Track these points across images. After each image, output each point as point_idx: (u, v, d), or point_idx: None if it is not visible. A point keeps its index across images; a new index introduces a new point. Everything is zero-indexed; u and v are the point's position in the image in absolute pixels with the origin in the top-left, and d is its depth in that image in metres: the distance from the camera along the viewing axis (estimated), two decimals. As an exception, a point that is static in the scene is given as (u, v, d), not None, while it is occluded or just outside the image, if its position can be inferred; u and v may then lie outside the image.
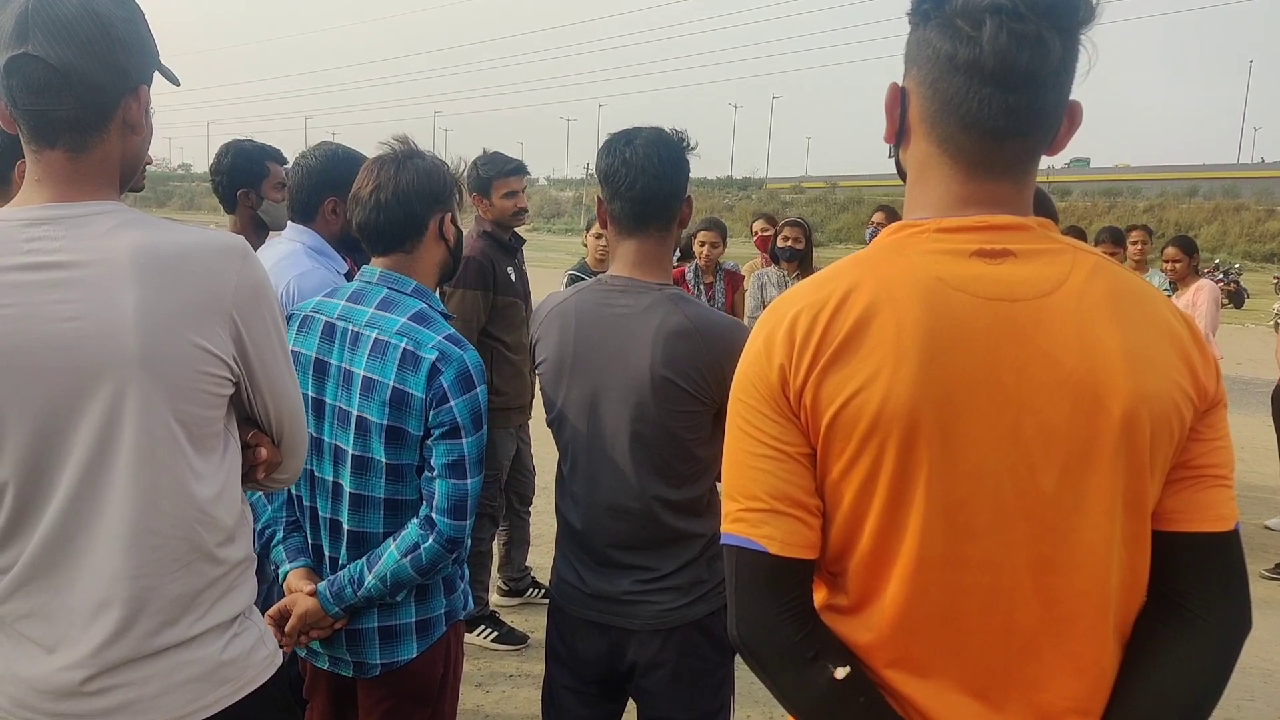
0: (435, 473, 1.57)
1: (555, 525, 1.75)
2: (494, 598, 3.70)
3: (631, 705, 1.72)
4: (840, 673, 0.89)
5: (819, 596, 0.98)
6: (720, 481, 1.63)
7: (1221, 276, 20.23)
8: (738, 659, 1.53)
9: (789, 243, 4.71)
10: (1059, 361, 0.86)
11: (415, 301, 1.63)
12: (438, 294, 1.75)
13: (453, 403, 1.55)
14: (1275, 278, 22.97)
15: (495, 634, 3.42)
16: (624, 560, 1.61)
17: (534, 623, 3.56)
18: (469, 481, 1.58)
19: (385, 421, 1.56)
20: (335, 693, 1.76)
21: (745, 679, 1.72)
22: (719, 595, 1.63)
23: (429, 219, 1.66)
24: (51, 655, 1.07)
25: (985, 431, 0.86)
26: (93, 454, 1.05)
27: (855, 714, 0.89)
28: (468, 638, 3.39)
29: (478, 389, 1.58)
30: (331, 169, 2.20)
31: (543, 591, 3.79)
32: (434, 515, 1.57)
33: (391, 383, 1.55)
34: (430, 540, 1.56)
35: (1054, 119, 0.90)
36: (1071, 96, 0.90)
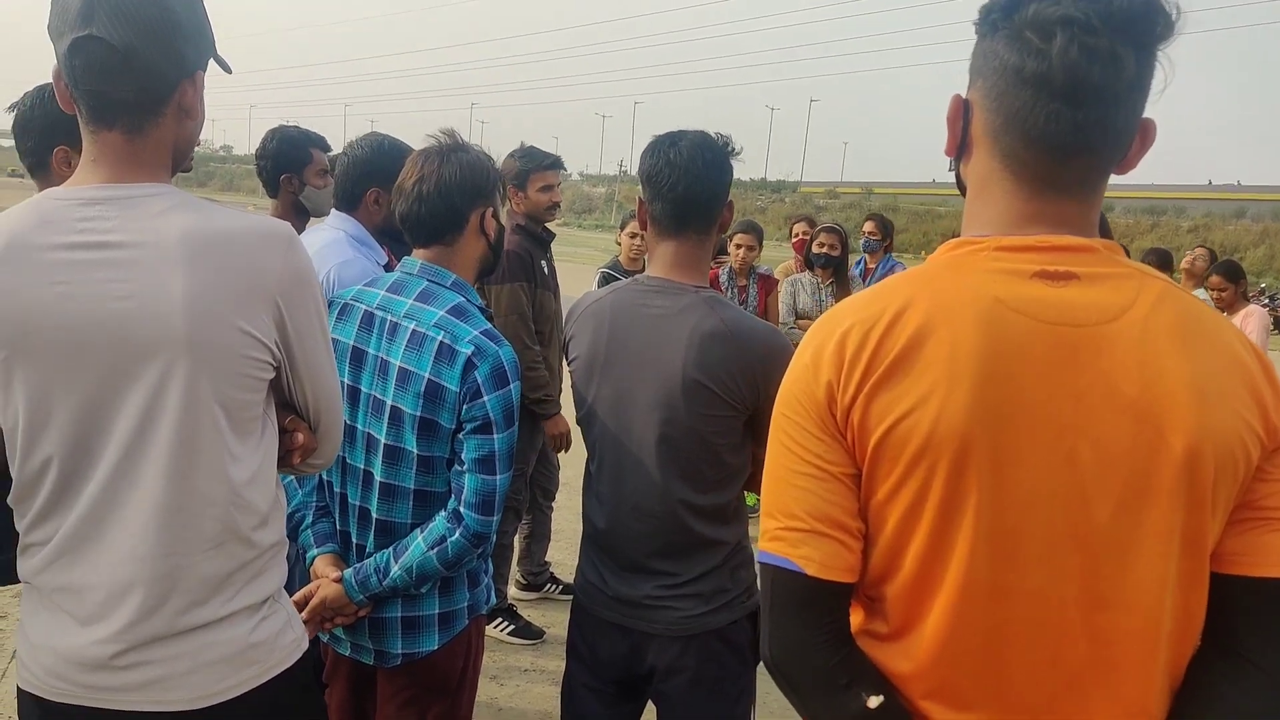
0: (465, 467, 1.57)
1: (577, 522, 1.74)
2: (512, 591, 3.70)
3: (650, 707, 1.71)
4: (873, 702, 0.87)
5: (856, 621, 0.96)
6: (746, 489, 1.63)
7: (1268, 301, 19.71)
8: (759, 670, 1.51)
9: (824, 249, 4.65)
10: (1120, 390, 0.82)
11: (454, 295, 1.64)
12: (477, 289, 1.75)
13: (486, 398, 1.55)
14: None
15: (512, 627, 3.42)
16: (647, 564, 1.60)
17: (551, 618, 3.56)
18: (498, 477, 1.58)
19: (419, 413, 1.57)
20: (355, 679, 1.77)
21: (763, 688, 1.70)
22: (741, 604, 1.62)
23: (470, 213, 1.66)
24: (85, 628, 1.08)
25: (1039, 459, 0.83)
26: (134, 433, 1.06)
27: None
28: (484, 630, 3.41)
29: (511, 385, 1.58)
30: (376, 160, 2.21)
31: (561, 587, 3.79)
32: (462, 509, 1.57)
33: (427, 375, 1.56)
34: (457, 534, 1.56)
35: (1125, 137, 0.86)
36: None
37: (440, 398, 1.55)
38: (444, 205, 1.63)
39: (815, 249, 4.68)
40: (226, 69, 1.21)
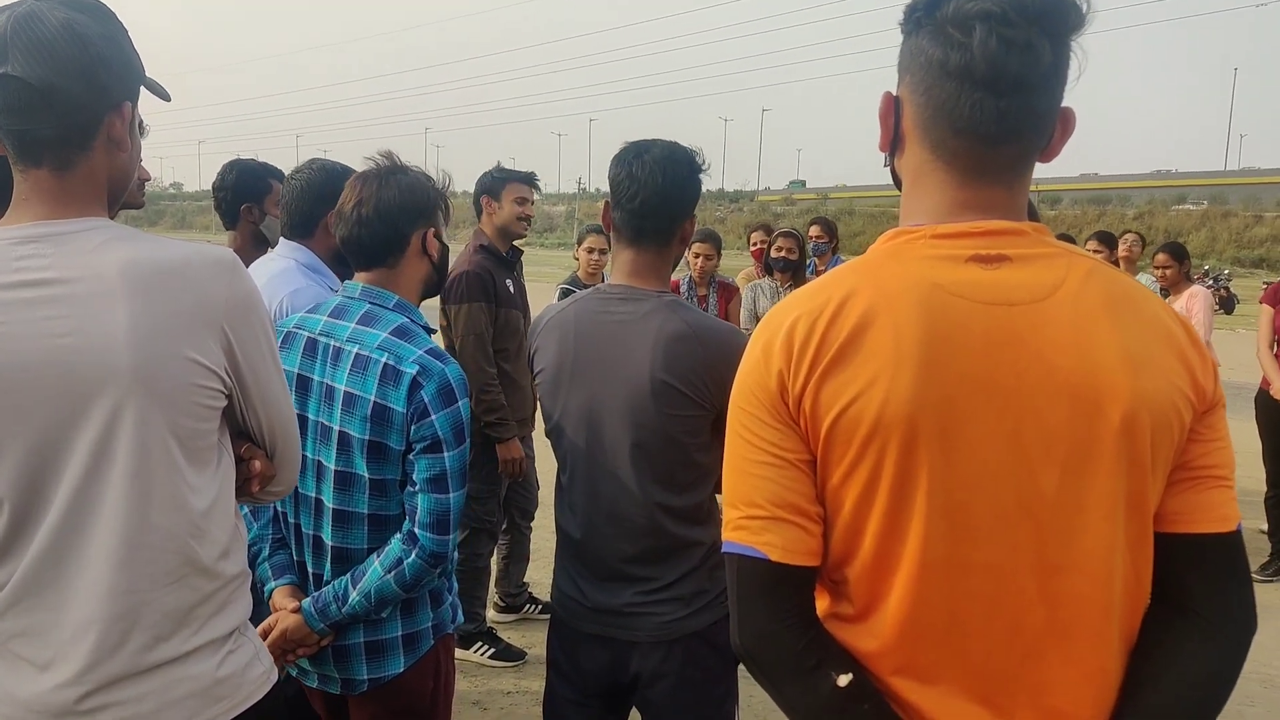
0: (417, 487, 1.56)
1: (554, 540, 1.73)
2: (490, 614, 3.67)
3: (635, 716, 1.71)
4: (843, 680, 0.89)
5: (822, 605, 0.98)
6: (720, 491, 1.64)
7: (1212, 282, 20.33)
8: (741, 669, 1.52)
9: (783, 253, 4.72)
10: (1057, 365, 0.86)
11: (397, 316, 1.63)
12: (421, 308, 1.75)
13: (434, 417, 1.54)
14: (1264, 284, 23.07)
15: (492, 650, 3.39)
16: (625, 571, 1.60)
17: (531, 639, 3.54)
18: (451, 495, 1.57)
19: (367, 437, 1.55)
20: (328, 710, 1.74)
21: (745, 690, 1.71)
22: (721, 605, 1.62)
23: (411, 234, 1.65)
24: (44, 674, 1.05)
25: (985, 435, 0.86)
26: (87, 470, 1.04)
27: None
28: (464, 655, 3.36)
29: (459, 403, 1.57)
30: (330, 184, 2.20)
31: (540, 607, 3.76)
32: (416, 530, 1.55)
33: (373, 398, 1.55)
34: (413, 555, 1.55)
35: (1046, 124, 0.90)
36: (1064, 104, 0.91)
37: (387, 420, 1.54)
38: (384, 228, 1.62)
39: (774, 254, 4.75)
40: (163, 96, 1.19)
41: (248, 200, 2.53)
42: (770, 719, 2.92)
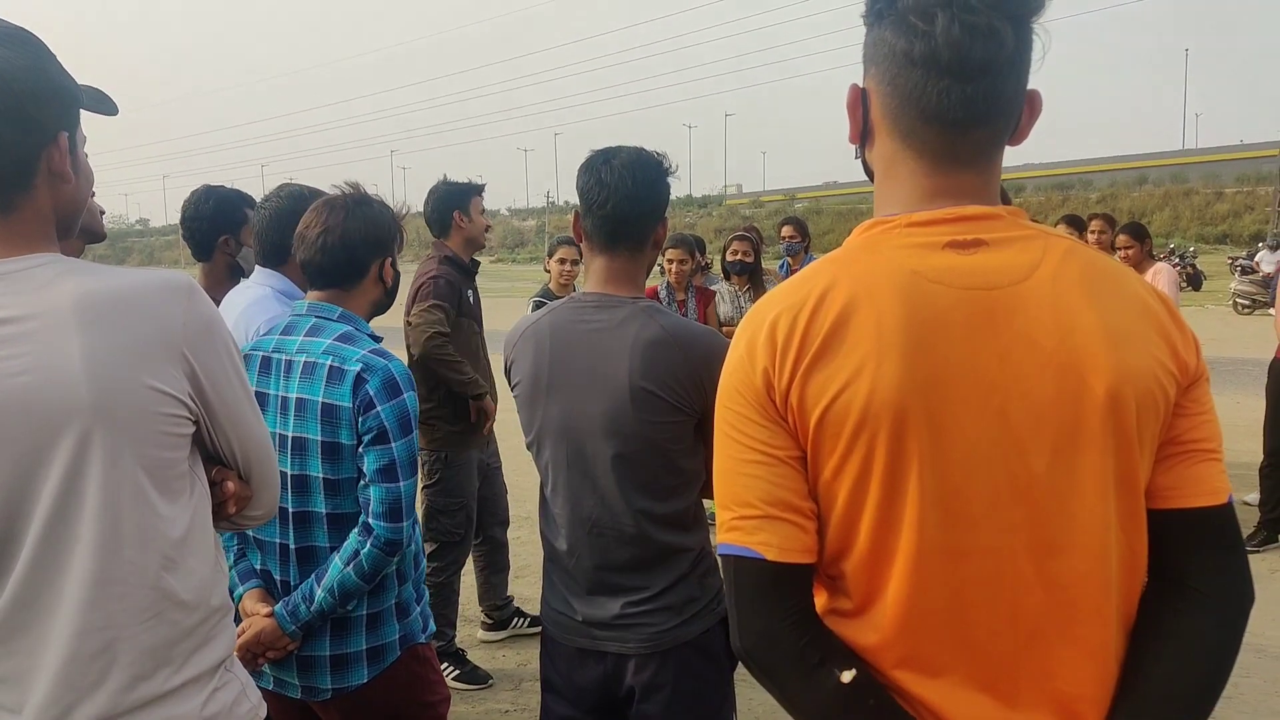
0: (368, 479, 1.64)
1: (540, 555, 1.71)
2: (480, 634, 3.62)
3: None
4: (846, 676, 0.88)
5: (821, 601, 0.97)
6: (707, 496, 1.63)
7: (1178, 260, 20.71)
8: (740, 673, 1.50)
9: (738, 256, 4.69)
10: (1040, 345, 0.86)
11: (341, 325, 1.72)
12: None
13: (379, 408, 1.62)
14: (1229, 258, 23.55)
15: (457, 672, 3.30)
16: (613, 581, 1.58)
17: (526, 655, 3.50)
18: (402, 484, 1.65)
19: (320, 438, 1.64)
20: (282, 713, 1.77)
21: (745, 694, 1.69)
22: (713, 612, 1.61)
23: (371, 264, 1.76)
24: (18, 718, 1.02)
25: (973, 419, 0.86)
26: (56, 510, 1.01)
27: (865, 718, 0.88)
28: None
29: (405, 395, 1.66)
30: (301, 209, 2.18)
31: (528, 621, 3.71)
32: (370, 520, 1.63)
33: (321, 399, 1.64)
34: (369, 545, 1.62)
35: (1014, 107, 0.90)
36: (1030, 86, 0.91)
37: (336, 417, 1.63)
38: (346, 257, 1.73)
39: (729, 257, 4.72)
40: (109, 111, 1.16)
41: (225, 232, 2.46)
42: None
